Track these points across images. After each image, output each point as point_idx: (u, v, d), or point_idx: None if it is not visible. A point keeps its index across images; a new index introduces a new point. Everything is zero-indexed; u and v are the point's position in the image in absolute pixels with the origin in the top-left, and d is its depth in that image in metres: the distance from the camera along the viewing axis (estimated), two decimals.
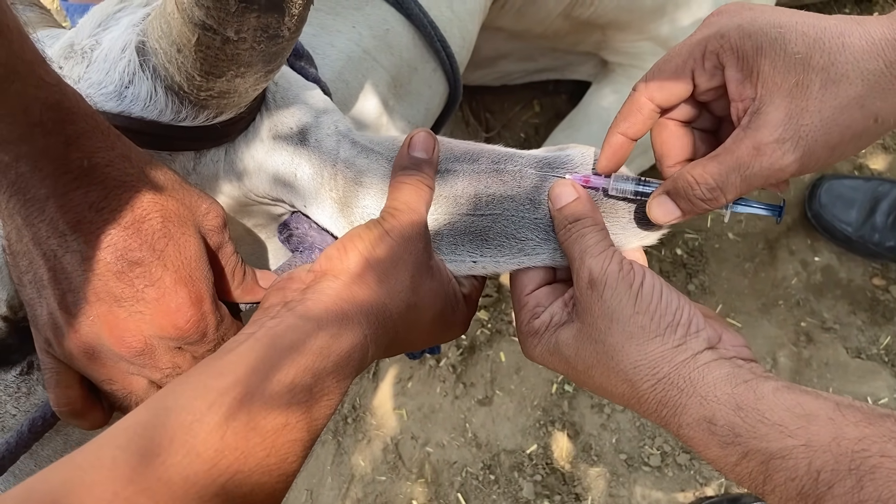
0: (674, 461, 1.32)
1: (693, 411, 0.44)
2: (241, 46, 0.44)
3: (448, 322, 0.55)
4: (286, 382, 0.40)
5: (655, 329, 0.47)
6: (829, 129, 0.44)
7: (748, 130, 0.46)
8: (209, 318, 0.48)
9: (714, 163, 0.48)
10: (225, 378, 0.40)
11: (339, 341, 0.44)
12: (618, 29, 1.08)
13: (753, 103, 0.46)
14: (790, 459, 0.40)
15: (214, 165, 0.56)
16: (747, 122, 0.47)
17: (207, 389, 0.39)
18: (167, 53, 0.48)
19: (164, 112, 0.51)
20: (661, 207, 0.51)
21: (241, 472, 0.37)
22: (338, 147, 0.56)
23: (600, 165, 0.53)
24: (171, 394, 0.39)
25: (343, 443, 1.39)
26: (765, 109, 0.46)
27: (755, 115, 0.46)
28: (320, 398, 0.42)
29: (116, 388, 0.49)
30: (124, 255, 0.45)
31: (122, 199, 0.45)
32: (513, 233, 0.54)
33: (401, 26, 0.75)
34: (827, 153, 0.45)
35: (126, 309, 0.46)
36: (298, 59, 0.64)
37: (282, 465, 0.40)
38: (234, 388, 0.39)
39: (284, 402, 0.40)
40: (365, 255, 0.49)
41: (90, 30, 0.56)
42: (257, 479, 0.38)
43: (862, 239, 1.39)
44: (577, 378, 0.51)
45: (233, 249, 0.53)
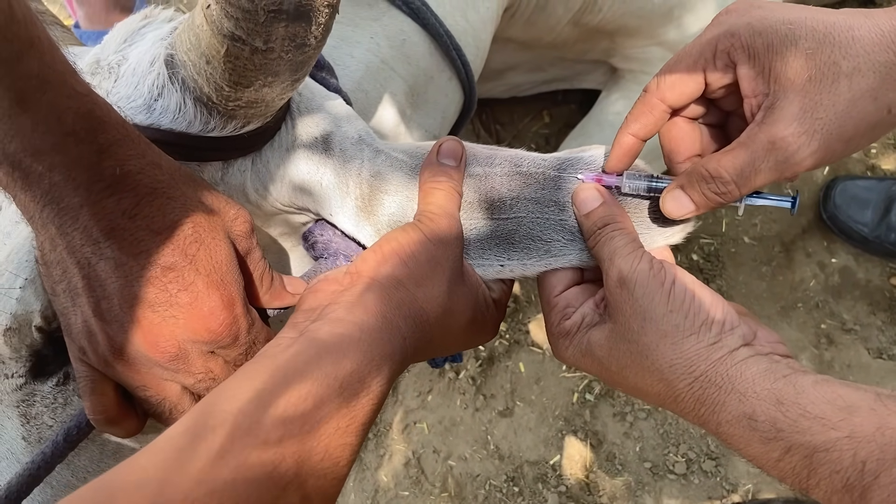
0: (699, 468, 1.31)
1: (732, 408, 0.44)
2: (270, 56, 0.45)
3: (479, 327, 0.55)
4: (336, 386, 0.40)
5: (690, 327, 0.46)
6: (844, 121, 0.45)
7: (763, 125, 0.47)
8: (241, 321, 0.49)
9: (729, 157, 0.48)
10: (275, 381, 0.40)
11: (380, 344, 0.44)
12: (627, 35, 1.09)
13: (767, 99, 0.47)
14: (834, 452, 0.40)
15: (241, 175, 0.57)
16: (761, 117, 0.47)
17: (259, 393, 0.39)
18: (196, 65, 0.48)
19: (192, 123, 0.51)
20: (676, 202, 0.51)
21: (300, 477, 0.37)
22: (361, 154, 0.57)
23: (609, 165, 0.54)
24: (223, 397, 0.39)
25: (365, 458, 1.39)
26: (779, 104, 0.46)
27: (769, 111, 0.47)
28: (366, 400, 0.42)
29: (150, 394, 0.49)
30: (157, 261, 0.45)
31: (154, 205, 0.45)
32: (538, 234, 0.54)
33: (417, 36, 0.76)
34: (842, 146, 0.46)
35: (160, 314, 0.46)
36: (320, 70, 0.65)
37: (335, 469, 0.40)
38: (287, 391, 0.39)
39: (336, 405, 0.40)
40: (404, 259, 0.49)
41: (116, 46, 0.57)
42: (314, 483, 0.38)
43: (878, 239, 1.39)
44: (611, 379, 0.51)
45: (261, 255, 0.54)
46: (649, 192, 0.54)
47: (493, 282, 0.57)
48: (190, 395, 0.51)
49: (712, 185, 0.49)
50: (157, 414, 0.50)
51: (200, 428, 0.37)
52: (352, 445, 0.41)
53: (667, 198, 0.52)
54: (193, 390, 0.50)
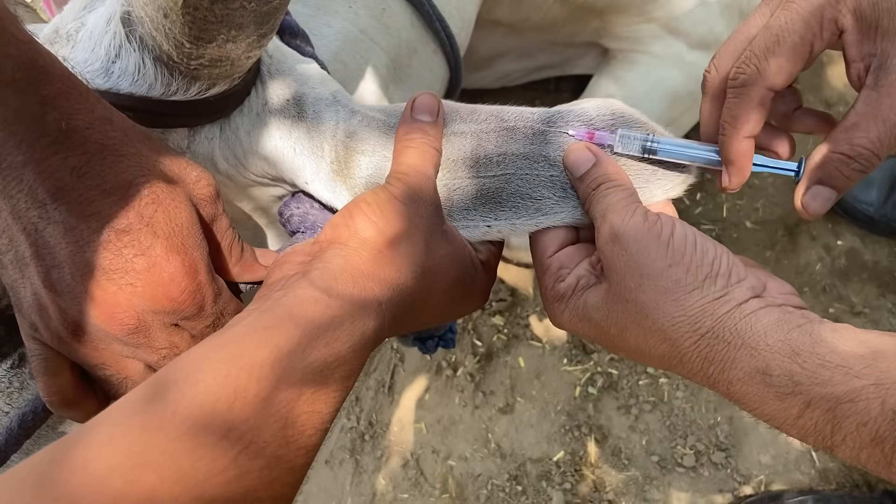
0: (709, 460, 1.26)
1: (744, 364, 0.40)
2: (231, 6, 0.42)
3: (467, 290, 0.51)
4: (295, 352, 0.37)
5: (693, 281, 0.43)
6: None
7: (881, 89, 0.44)
8: (205, 288, 0.45)
9: (860, 132, 0.45)
10: (228, 350, 0.36)
11: (350, 309, 0.41)
12: (617, 12, 1.06)
13: (875, 59, 0.44)
14: (860, 402, 0.36)
15: (209, 143, 0.53)
16: (874, 80, 0.44)
17: (210, 362, 0.36)
18: (154, 20, 0.45)
19: (153, 86, 0.48)
20: (820, 198, 0.48)
21: (255, 444, 0.34)
22: (336, 115, 0.53)
23: (734, 183, 0.49)
24: (172, 370, 0.36)
25: (361, 461, 1.34)
26: (892, 63, 0.43)
27: (882, 72, 0.44)
28: (336, 368, 0.39)
29: (110, 373, 0.45)
30: (110, 224, 0.42)
31: (105, 163, 0.42)
32: (528, 192, 0.51)
33: (398, 5, 0.73)
34: None
35: (115, 282, 0.42)
36: (294, 37, 0.62)
37: (300, 438, 0.37)
38: (240, 359, 0.36)
39: (297, 373, 0.37)
40: (373, 219, 0.46)
41: (75, 13, 0.54)
42: (273, 450, 0.35)
43: (885, 218, 1.35)
44: (611, 343, 0.47)
45: (228, 223, 0.50)
46: (643, 153, 0.50)
47: (480, 243, 0.54)
48: (153, 372, 0.47)
49: (855, 165, 0.46)
50: (118, 395, 0.46)
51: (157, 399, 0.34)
52: (321, 413, 0.38)
53: (808, 199, 0.48)
54: (157, 367, 0.46)
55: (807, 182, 0.48)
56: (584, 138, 0.50)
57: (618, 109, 0.51)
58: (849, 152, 0.46)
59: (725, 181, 0.50)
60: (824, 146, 0.47)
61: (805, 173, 0.48)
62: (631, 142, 0.50)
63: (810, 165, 0.48)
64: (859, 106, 0.45)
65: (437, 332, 0.72)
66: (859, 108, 0.45)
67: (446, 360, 1.39)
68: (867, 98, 0.45)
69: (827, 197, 0.48)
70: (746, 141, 0.48)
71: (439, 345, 0.73)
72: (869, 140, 0.45)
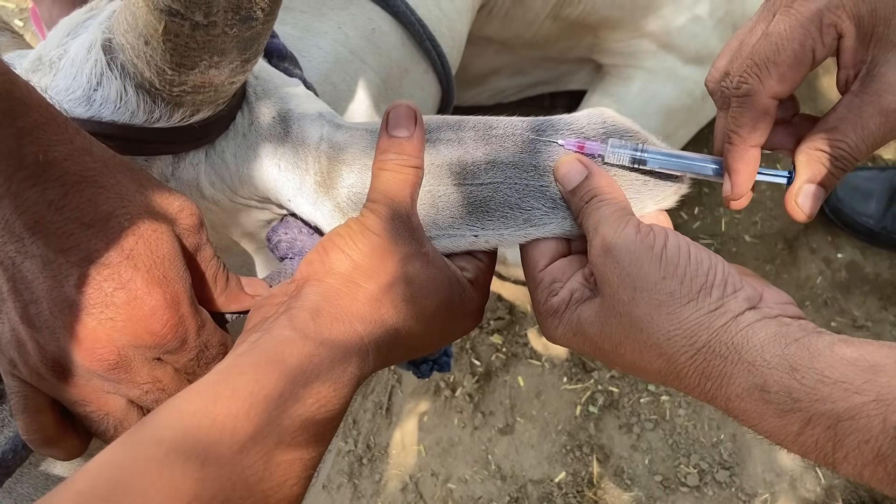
0: (713, 479, 1.24)
1: (741, 380, 0.39)
2: (213, 31, 0.41)
3: (456, 312, 0.50)
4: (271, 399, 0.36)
5: (687, 293, 0.41)
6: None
7: (865, 96, 0.44)
8: (188, 321, 0.44)
9: (839, 136, 0.45)
10: (200, 400, 0.35)
11: (329, 346, 0.40)
12: (610, 28, 1.06)
13: (865, 66, 0.44)
14: (861, 419, 0.35)
15: (195, 169, 0.52)
16: (859, 87, 0.44)
17: (183, 415, 0.35)
18: (135, 48, 0.45)
19: (136, 113, 0.47)
20: (812, 197, 0.47)
21: (231, 501, 0.33)
22: (320, 130, 0.52)
23: (737, 192, 0.49)
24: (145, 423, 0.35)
25: (359, 485, 1.32)
26: (880, 71, 0.43)
27: (868, 80, 0.44)
28: (314, 408, 0.38)
29: (91, 409, 0.44)
30: (89, 257, 0.41)
31: (84, 195, 0.41)
32: (516, 202, 0.50)
33: (388, 25, 0.72)
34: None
35: (95, 317, 0.41)
36: (282, 60, 0.61)
37: (280, 489, 0.35)
38: (212, 410, 0.35)
39: (273, 422, 0.35)
40: (347, 252, 0.45)
41: (58, 40, 0.53)
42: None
43: (885, 230, 1.34)
44: (607, 358, 0.46)
45: (213, 253, 0.49)
46: (633, 164, 0.49)
47: (467, 262, 0.52)
48: (137, 409, 0.45)
49: (839, 164, 0.46)
50: (100, 432, 0.45)
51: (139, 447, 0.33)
52: (303, 460, 0.36)
53: (800, 198, 0.48)
54: (140, 403, 0.45)
55: (799, 181, 0.48)
56: (573, 148, 0.49)
57: (609, 118, 0.50)
58: (835, 153, 0.46)
59: (727, 190, 0.49)
60: (806, 146, 0.47)
61: (797, 172, 0.48)
62: (621, 152, 0.49)
63: (799, 165, 0.48)
64: (840, 110, 0.45)
65: (432, 356, 0.70)
66: (840, 112, 0.45)
67: (445, 381, 1.37)
68: (850, 103, 0.45)
69: (818, 195, 0.48)
70: (752, 150, 0.48)
71: (434, 368, 0.71)
72: (847, 145, 0.45)
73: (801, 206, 0.48)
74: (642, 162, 0.49)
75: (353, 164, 0.51)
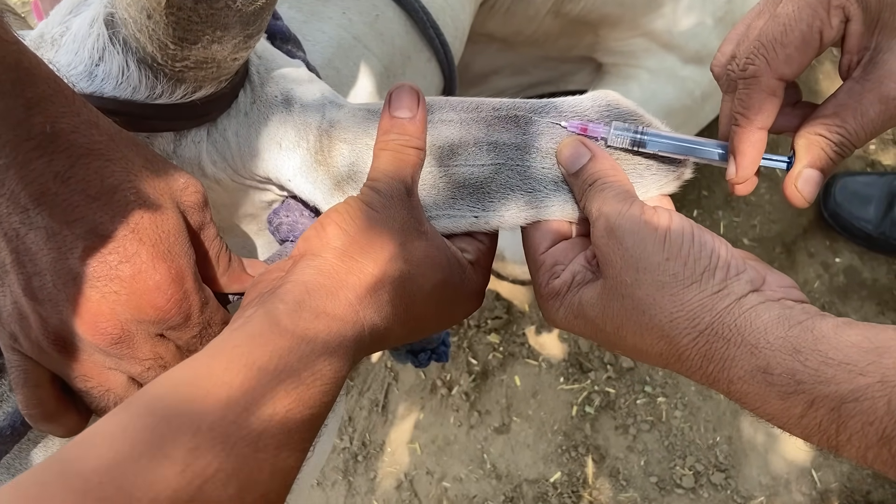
0: (708, 481, 1.23)
1: (744, 363, 0.39)
2: (216, 5, 0.41)
3: (456, 293, 0.49)
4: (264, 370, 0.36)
5: (690, 275, 0.41)
6: None
7: (866, 83, 0.44)
8: (192, 297, 0.43)
9: (838, 121, 0.45)
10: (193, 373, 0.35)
11: (324, 321, 0.39)
12: (610, 26, 1.06)
13: (868, 53, 0.44)
14: (865, 401, 0.35)
15: (196, 147, 0.52)
16: (861, 73, 0.44)
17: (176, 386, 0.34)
18: (137, 21, 0.44)
19: (138, 89, 0.47)
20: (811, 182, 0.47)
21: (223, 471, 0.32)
22: (322, 108, 0.52)
23: (742, 174, 0.48)
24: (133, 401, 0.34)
25: (354, 482, 1.31)
26: (883, 58, 0.43)
27: (871, 66, 0.43)
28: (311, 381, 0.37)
29: (92, 385, 0.43)
30: (95, 230, 0.40)
31: (91, 168, 0.40)
32: (517, 184, 0.49)
33: (392, 12, 0.72)
34: None
35: (99, 290, 0.40)
36: (285, 42, 0.61)
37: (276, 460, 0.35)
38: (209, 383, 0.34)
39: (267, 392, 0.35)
40: (344, 227, 0.45)
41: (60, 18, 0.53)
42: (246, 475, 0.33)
43: (883, 235, 1.34)
44: (608, 341, 0.45)
45: (216, 232, 0.48)
46: (633, 146, 0.49)
47: (467, 244, 0.52)
48: (138, 386, 0.45)
49: (838, 149, 0.46)
50: (100, 409, 0.45)
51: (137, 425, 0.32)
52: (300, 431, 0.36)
53: (800, 181, 0.47)
54: (141, 380, 0.44)
55: (799, 165, 0.48)
56: (576, 130, 0.49)
57: (613, 101, 0.50)
58: (835, 139, 0.46)
59: (732, 172, 0.49)
60: (806, 130, 0.47)
61: (797, 156, 0.48)
62: (623, 135, 0.49)
63: (799, 150, 0.48)
64: (841, 96, 0.45)
65: (430, 344, 0.70)
66: (841, 98, 0.45)
67: (441, 379, 1.37)
68: (850, 90, 0.45)
69: (817, 180, 0.48)
70: (759, 132, 0.47)
71: (432, 358, 0.70)
72: (846, 131, 0.45)
73: (801, 190, 0.48)
74: (643, 144, 0.48)
75: (354, 144, 0.51)
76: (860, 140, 0.46)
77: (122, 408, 0.34)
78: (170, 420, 0.32)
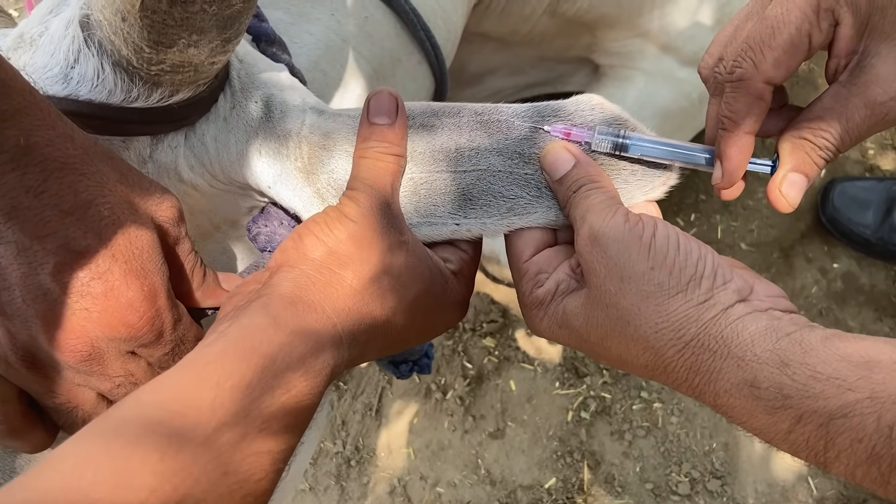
0: (704, 488, 1.22)
1: (730, 375, 0.38)
2: (191, 9, 0.40)
3: (440, 304, 0.48)
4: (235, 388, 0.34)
5: (676, 285, 0.40)
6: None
7: (853, 87, 0.43)
8: (165, 314, 0.42)
9: (823, 125, 0.44)
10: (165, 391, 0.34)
11: (302, 335, 0.38)
12: (607, 27, 1.05)
13: (856, 57, 0.43)
14: (854, 417, 0.34)
15: (173, 152, 0.51)
16: (847, 77, 0.43)
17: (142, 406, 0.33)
18: (112, 24, 0.43)
19: (113, 92, 0.46)
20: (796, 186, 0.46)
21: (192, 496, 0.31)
22: (303, 115, 0.51)
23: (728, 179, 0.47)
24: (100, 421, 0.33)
25: (347, 488, 1.30)
26: (871, 63, 0.42)
27: (858, 70, 0.43)
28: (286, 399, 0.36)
29: (60, 401, 0.43)
30: (67, 245, 0.39)
31: (64, 182, 0.40)
32: (500, 190, 0.48)
33: (381, 14, 0.71)
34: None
35: (69, 307, 0.40)
36: (270, 45, 0.60)
37: (246, 484, 0.34)
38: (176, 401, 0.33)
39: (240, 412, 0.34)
40: (322, 238, 0.44)
41: (40, 17, 0.52)
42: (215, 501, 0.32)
43: (881, 241, 1.33)
44: (593, 352, 0.44)
45: (191, 247, 0.48)
46: (615, 150, 0.48)
47: (450, 253, 0.51)
48: (108, 403, 0.44)
49: (822, 154, 0.46)
50: (68, 425, 0.44)
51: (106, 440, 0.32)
52: (271, 453, 0.35)
53: (784, 186, 0.46)
54: (111, 397, 0.44)
55: (784, 169, 0.47)
56: (560, 135, 0.48)
57: (598, 105, 0.49)
58: (819, 143, 0.45)
59: (717, 176, 0.48)
60: (790, 134, 0.46)
61: (781, 160, 0.47)
62: (606, 138, 0.48)
63: (783, 153, 0.47)
64: (827, 100, 0.44)
65: (412, 356, 0.68)
66: (826, 101, 0.44)
67: (435, 383, 1.35)
68: (836, 94, 0.44)
69: (801, 185, 0.47)
70: (746, 137, 0.46)
71: (414, 369, 0.69)
72: (831, 136, 0.44)
73: (786, 194, 0.47)
74: (625, 148, 0.47)
75: (334, 151, 0.50)
76: (845, 145, 0.45)
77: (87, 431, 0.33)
78: (136, 445, 0.31)
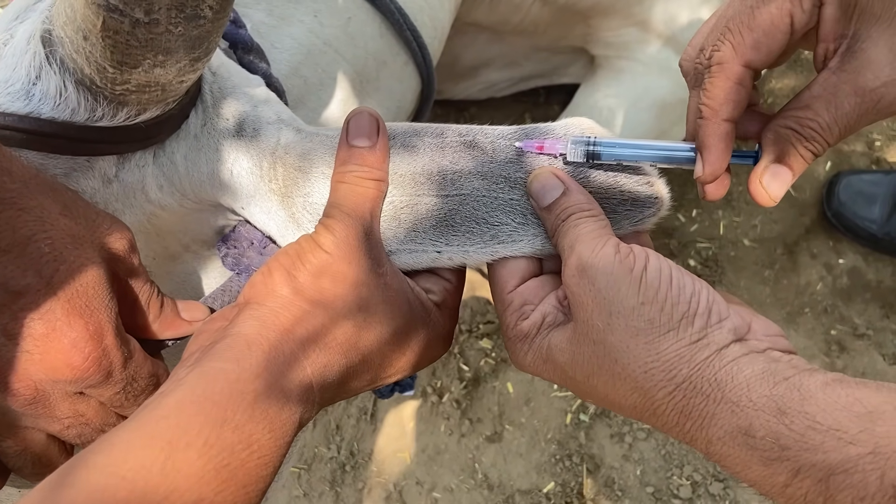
0: (706, 491, 1.20)
1: (724, 422, 0.35)
2: (155, 30, 0.37)
3: (420, 338, 0.45)
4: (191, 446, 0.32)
5: (667, 322, 0.38)
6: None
7: (842, 74, 0.41)
8: (112, 354, 0.40)
9: (811, 114, 0.42)
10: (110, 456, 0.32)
11: (265, 383, 0.36)
12: (602, 15, 1.01)
13: (845, 41, 0.40)
14: (856, 474, 0.32)
15: (140, 171, 0.48)
16: (837, 64, 0.41)
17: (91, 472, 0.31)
18: (74, 42, 0.41)
19: (77, 111, 0.43)
20: (778, 179, 0.44)
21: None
22: (278, 135, 0.48)
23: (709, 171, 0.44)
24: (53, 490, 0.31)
25: (342, 493, 1.28)
26: (861, 47, 0.40)
27: (849, 55, 0.40)
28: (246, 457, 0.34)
29: (8, 444, 0.40)
30: (5, 285, 0.37)
31: (1, 218, 0.37)
32: (484, 216, 0.45)
33: (365, 14, 0.67)
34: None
35: (10, 349, 0.38)
36: (247, 52, 0.57)
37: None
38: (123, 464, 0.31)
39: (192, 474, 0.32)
40: (293, 273, 0.41)
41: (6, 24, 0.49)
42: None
43: (888, 236, 1.30)
44: (579, 389, 0.42)
45: (146, 277, 0.45)
46: (587, 161, 0.45)
47: (433, 283, 0.48)
48: (58, 443, 0.42)
49: (808, 145, 0.43)
50: (17, 468, 0.42)
51: None
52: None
53: (765, 177, 0.44)
54: (62, 438, 0.42)
55: (766, 160, 0.44)
56: (532, 149, 0.46)
57: (588, 129, 0.47)
58: (807, 134, 0.43)
59: (699, 170, 0.45)
60: (775, 123, 0.44)
61: (763, 151, 0.44)
62: (578, 148, 0.45)
63: (766, 144, 0.44)
64: (815, 88, 0.42)
65: None
66: (815, 89, 0.42)
67: (431, 386, 1.33)
68: (826, 81, 0.42)
69: (784, 178, 0.44)
70: (725, 124, 0.43)
71: (395, 390, 0.67)
72: (818, 125, 0.42)
73: (767, 187, 0.44)
74: (596, 156, 0.45)
75: (311, 174, 0.47)
76: (833, 135, 0.42)
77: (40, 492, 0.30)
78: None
